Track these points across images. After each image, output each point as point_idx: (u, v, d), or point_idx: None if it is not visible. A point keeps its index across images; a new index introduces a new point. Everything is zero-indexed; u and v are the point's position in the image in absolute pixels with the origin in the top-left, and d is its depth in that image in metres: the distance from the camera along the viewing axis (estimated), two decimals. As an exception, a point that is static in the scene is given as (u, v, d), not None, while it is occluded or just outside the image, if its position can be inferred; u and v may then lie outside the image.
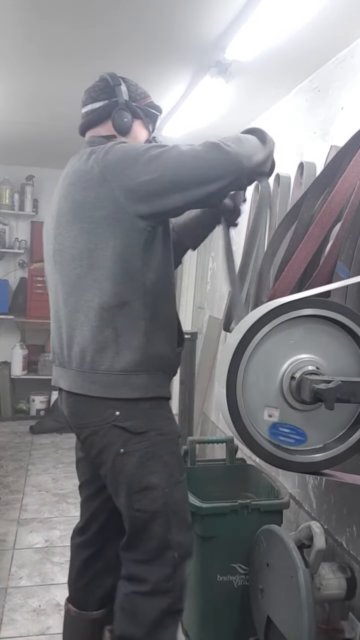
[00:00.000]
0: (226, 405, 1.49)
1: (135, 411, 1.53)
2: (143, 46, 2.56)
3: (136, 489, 1.53)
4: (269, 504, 1.99)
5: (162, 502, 1.53)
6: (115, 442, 1.53)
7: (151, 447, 1.53)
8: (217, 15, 2.20)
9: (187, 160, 1.46)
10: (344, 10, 2.07)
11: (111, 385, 1.52)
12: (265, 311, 1.48)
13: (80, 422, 1.60)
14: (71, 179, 1.58)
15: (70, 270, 1.57)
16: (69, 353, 1.59)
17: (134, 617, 1.53)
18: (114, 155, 1.51)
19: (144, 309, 1.53)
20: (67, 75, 3.01)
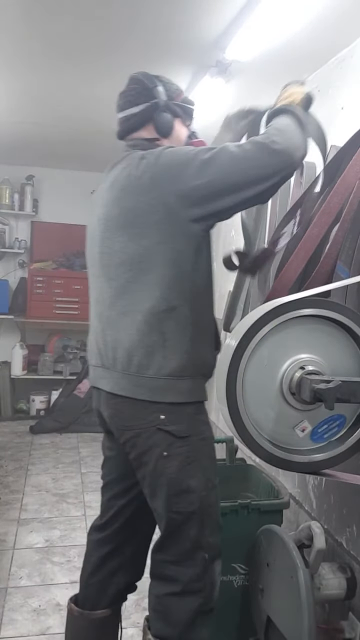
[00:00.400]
0: (226, 405, 1.49)
1: (179, 415, 1.54)
2: (143, 46, 2.56)
3: (175, 492, 1.54)
4: (269, 504, 1.99)
5: (198, 505, 1.55)
6: (159, 445, 1.53)
7: (192, 451, 1.55)
8: (217, 15, 2.20)
9: (239, 163, 1.46)
10: (343, 11, 2.07)
11: (158, 389, 1.52)
12: (265, 311, 1.48)
13: (123, 424, 1.59)
14: (122, 184, 1.57)
15: (119, 274, 1.57)
16: (114, 355, 1.58)
17: (168, 618, 1.56)
18: (164, 160, 1.51)
19: (191, 313, 1.54)
20: (67, 75, 3.01)
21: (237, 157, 1.46)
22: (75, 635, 1.82)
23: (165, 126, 1.67)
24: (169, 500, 1.55)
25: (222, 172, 1.46)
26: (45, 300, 5.15)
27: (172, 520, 1.56)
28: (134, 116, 1.68)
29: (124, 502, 1.75)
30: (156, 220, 1.50)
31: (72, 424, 4.93)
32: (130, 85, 1.72)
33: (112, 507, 1.78)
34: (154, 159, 1.52)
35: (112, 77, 2.98)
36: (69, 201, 5.53)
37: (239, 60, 2.54)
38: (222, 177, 1.46)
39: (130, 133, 1.71)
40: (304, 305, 1.49)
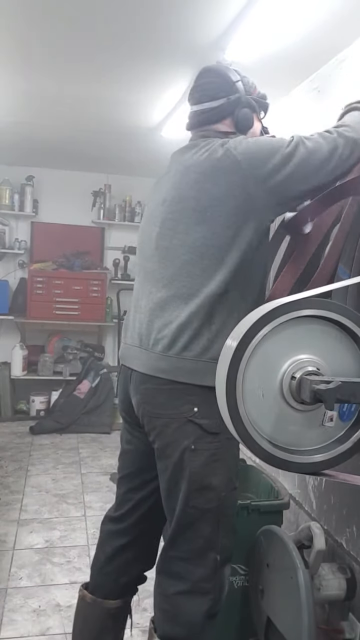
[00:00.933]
0: (226, 405, 1.49)
1: (212, 411, 1.51)
2: (143, 46, 2.56)
3: (196, 487, 1.53)
4: (269, 505, 1.99)
5: (216, 503, 1.54)
6: (188, 437, 1.52)
7: (220, 449, 1.54)
8: (216, 16, 2.20)
9: (312, 156, 1.52)
10: (343, 11, 2.07)
11: (198, 372, 1.51)
12: (265, 311, 1.48)
13: (153, 411, 1.57)
14: (200, 167, 1.56)
15: (177, 256, 1.56)
16: (157, 337, 1.56)
17: (176, 618, 1.55)
18: (248, 147, 1.53)
19: (241, 301, 1.55)
20: (67, 76, 3.01)
21: (310, 151, 1.51)
22: (87, 622, 1.81)
23: (247, 123, 1.67)
24: (188, 494, 1.53)
25: (299, 165, 1.50)
26: (45, 301, 5.15)
27: (187, 515, 1.54)
28: (213, 110, 1.67)
29: (141, 495, 1.74)
30: (233, 205, 1.51)
31: (72, 425, 4.93)
32: (208, 79, 1.70)
33: (129, 500, 1.76)
34: (237, 144, 1.54)
35: (112, 78, 2.99)
36: (69, 201, 5.53)
37: (239, 60, 2.54)
38: (298, 170, 1.50)
39: (205, 125, 1.69)
40: (304, 305, 1.49)
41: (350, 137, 1.54)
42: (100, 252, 5.69)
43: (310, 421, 1.55)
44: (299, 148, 1.51)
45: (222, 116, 1.67)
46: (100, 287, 5.30)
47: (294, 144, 1.52)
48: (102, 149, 4.60)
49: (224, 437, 1.54)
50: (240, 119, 1.66)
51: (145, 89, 3.10)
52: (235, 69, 1.71)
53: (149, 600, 2.36)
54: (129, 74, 2.91)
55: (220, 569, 1.56)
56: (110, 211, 5.52)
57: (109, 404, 5.05)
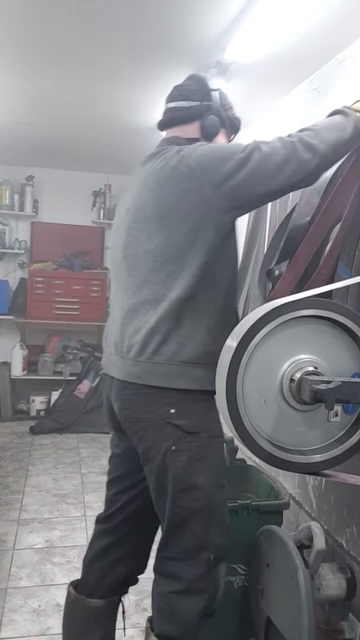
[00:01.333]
0: (226, 405, 1.49)
1: (189, 411, 1.56)
2: (143, 46, 2.56)
3: (182, 487, 1.55)
4: (269, 505, 1.99)
5: (204, 502, 1.55)
6: (168, 439, 1.54)
7: (201, 448, 1.56)
8: (217, 16, 2.20)
9: (268, 160, 1.53)
10: (343, 11, 2.07)
11: (169, 375, 1.54)
12: (265, 311, 1.48)
13: (132, 416, 1.60)
14: (157, 176, 1.60)
15: (143, 264, 1.60)
16: (129, 343, 1.60)
17: (172, 617, 1.56)
18: (203, 152, 1.56)
19: (209, 303, 1.57)
20: (67, 76, 3.01)
21: (266, 155, 1.52)
22: (68, 619, 1.84)
23: (211, 129, 1.70)
24: (174, 495, 1.55)
25: (254, 169, 1.52)
26: (45, 301, 5.15)
27: (177, 516, 1.56)
28: (184, 109, 1.72)
29: (129, 497, 1.77)
30: (188, 210, 1.54)
31: (72, 425, 4.93)
32: (188, 81, 1.76)
33: (117, 501, 1.80)
34: (192, 151, 1.56)
35: (112, 78, 2.99)
36: (69, 201, 5.53)
37: (239, 60, 2.54)
38: (253, 174, 1.52)
39: (175, 125, 1.73)
40: (304, 305, 1.49)
41: (309, 142, 1.54)
42: (100, 252, 5.69)
43: (311, 421, 1.55)
44: (254, 153, 1.52)
45: (191, 118, 1.71)
46: (100, 287, 5.30)
47: (250, 149, 1.53)
48: (102, 148, 4.60)
49: (204, 435, 1.57)
50: (206, 124, 1.69)
51: (145, 88, 3.10)
52: (219, 85, 1.76)
53: (149, 600, 2.37)
54: (129, 73, 2.91)
55: (214, 568, 1.57)
56: (110, 211, 5.52)
57: (109, 404, 5.05)
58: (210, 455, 1.58)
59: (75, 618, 1.82)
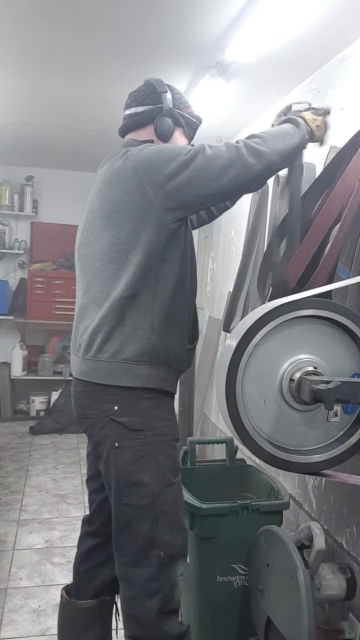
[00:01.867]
0: (226, 406, 1.49)
1: (133, 408, 1.57)
2: (143, 46, 2.56)
3: (126, 484, 1.56)
4: (269, 505, 1.99)
5: (150, 500, 1.55)
6: (111, 435, 1.57)
7: (145, 445, 1.56)
8: (216, 16, 2.20)
9: (211, 163, 1.54)
10: (343, 11, 2.07)
11: (112, 372, 1.56)
12: (264, 312, 1.48)
13: (83, 413, 1.65)
14: (104, 177, 1.64)
15: (91, 264, 1.65)
16: (79, 341, 1.65)
17: (137, 619, 1.57)
18: (148, 153, 1.58)
19: (153, 302, 1.58)
20: (67, 76, 3.01)
21: (209, 158, 1.54)
22: (62, 622, 1.86)
23: (165, 131, 1.71)
24: (119, 492, 1.57)
25: (196, 172, 1.53)
26: (45, 301, 5.15)
27: (122, 513, 1.57)
28: (137, 115, 1.75)
29: (103, 496, 1.77)
30: (131, 209, 1.56)
31: (72, 425, 4.93)
32: (141, 87, 1.79)
33: (94, 501, 1.83)
34: (137, 152, 1.59)
35: (112, 78, 2.99)
36: (69, 202, 5.52)
37: (238, 61, 2.54)
38: (195, 175, 1.53)
39: (131, 131, 1.77)
40: (303, 305, 1.49)
41: (255, 147, 1.56)
42: (100, 252, 5.69)
43: (310, 421, 1.55)
44: (198, 156, 1.53)
45: (144, 122, 1.73)
46: (100, 287, 5.30)
47: (194, 151, 1.54)
48: (102, 149, 4.57)
49: (150, 433, 1.57)
50: (158, 126, 1.71)
51: (145, 89, 3.10)
52: (170, 85, 1.78)
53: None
54: (129, 74, 2.91)
55: (167, 566, 1.56)
56: (110, 211, 5.52)
57: (109, 404, 5.05)
58: (156, 453, 1.57)
59: (69, 621, 1.83)
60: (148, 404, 1.58)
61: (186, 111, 1.77)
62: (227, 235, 3.92)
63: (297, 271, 1.74)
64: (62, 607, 1.85)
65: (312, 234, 1.74)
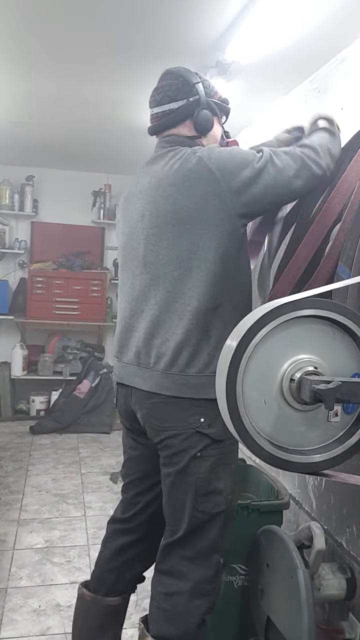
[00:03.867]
0: (226, 406, 1.49)
1: (216, 419, 1.56)
2: (143, 46, 2.56)
3: (203, 492, 1.58)
4: (269, 505, 1.99)
5: (224, 507, 1.59)
6: (195, 446, 1.57)
7: (224, 454, 1.60)
8: (217, 16, 2.20)
9: (281, 173, 1.57)
10: (343, 11, 2.07)
11: (201, 386, 1.55)
12: (264, 312, 1.48)
13: (161, 425, 1.60)
14: (173, 179, 1.57)
15: (166, 272, 1.58)
16: (157, 354, 1.59)
17: (173, 617, 1.57)
18: (222, 157, 1.55)
19: (234, 310, 1.58)
20: (67, 76, 3.01)
21: (279, 169, 1.57)
22: (87, 620, 1.84)
23: (206, 124, 1.67)
24: (196, 499, 1.57)
25: (270, 181, 1.56)
26: (45, 301, 5.15)
27: (197, 519, 1.58)
28: (173, 112, 1.66)
29: (149, 498, 1.79)
30: (210, 215, 1.53)
31: (72, 425, 4.93)
32: (168, 80, 1.68)
33: (138, 503, 1.81)
34: (209, 153, 1.56)
35: (112, 78, 2.99)
36: (69, 201, 5.53)
37: (239, 61, 2.54)
38: (270, 185, 1.56)
39: (168, 128, 1.69)
40: (303, 305, 1.49)
41: (315, 158, 1.61)
42: (100, 252, 5.69)
43: (311, 421, 1.55)
44: (268, 165, 1.55)
45: (182, 118, 1.66)
46: (100, 287, 5.30)
47: (264, 159, 1.55)
48: (102, 148, 4.60)
49: (228, 442, 1.59)
50: (199, 120, 1.66)
51: (145, 88, 3.08)
52: (196, 72, 1.71)
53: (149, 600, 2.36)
54: (129, 73, 2.91)
55: (220, 573, 1.61)
56: (110, 211, 5.52)
57: (109, 404, 5.05)
58: (231, 461, 1.62)
59: (92, 618, 1.83)
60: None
61: (216, 97, 1.71)
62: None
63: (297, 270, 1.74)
64: (83, 605, 1.84)
65: (313, 233, 1.74)
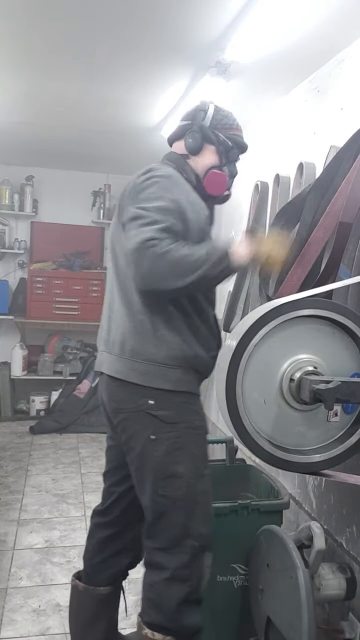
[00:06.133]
0: (226, 406, 1.49)
1: (168, 402, 1.63)
2: (143, 46, 2.56)
3: (162, 476, 1.62)
4: (269, 505, 1.99)
5: (185, 490, 1.61)
6: (147, 428, 1.62)
7: (180, 437, 1.62)
8: (216, 16, 2.20)
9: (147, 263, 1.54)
10: (343, 11, 2.07)
11: (148, 374, 1.62)
12: (264, 311, 1.48)
13: (116, 407, 1.68)
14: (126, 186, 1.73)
15: (122, 266, 1.68)
16: (113, 340, 1.69)
17: (158, 605, 1.62)
18: (137, 184, 1.64)
19: (182, 310, 1.64)
20: (67, 76, 3.01)
21: (154, 256, 1.50)
22: (80, 609, 1.92)
23: (189, 145, 1.78)
24: (155, 484, 1.62)
25: (132, 245, 1.54)
26: (45, 301, 5.15)
27: (158, 505, 1.62)
28: (177, 128, 1.84)
29: (123, 489, 1.84)
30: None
31: (72, 425, 4.93)
32: (195, 104, 1.85)
33: (113, 493, 1.88)
34: (139, 176, 1.65)
35: (112, 78, 2.99)
36: (69, 201, 5.53)
37: (238, 60, 2.54)
38: (129, 246, 1.56)
39: (173, 142, 1.86)
40: (303, 305, 1.49)
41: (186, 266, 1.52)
42: (100, 252, 5.68)
43: (310, 421, 1.55)
44: (147, 247, 1.50)
45: (179, 136, 1.82)
46: (100, 287, 5.29)
47: (150, 235, 1.51)
48: (102, 149, 4.60)
49: (183, 425, 1.63)
50: (187, 141, 1.78)
51: (144, 89, 3.10)
52: (218, 106, 1.81)
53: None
54: (129, 74, 2.91)
55: (198, 556, 1.62)
56: (110, 211, 5.51)
57: (109, 404, 5.04)
58: (190, 445, 1.64)
59: (86, 607, 1.89)
60: (181, 399, 1.64)
61: (225, 132, 1.78)
62: (228, 235, 3.92)
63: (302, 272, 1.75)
64: (77, 595, 1.91)
65: (317, 236, 1.75)
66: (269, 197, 2.64)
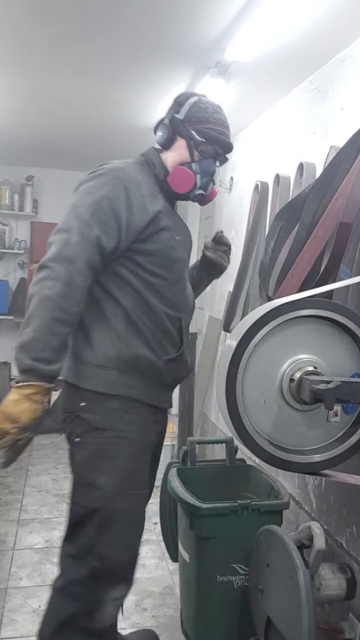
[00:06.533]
0: (226, 406, 1.49)
1: (99, 407, 1.55)
2: (143, 46, 2.56)
3: (80, 482, 1.56)
4: (269, 505, 1.99)
5: (101, 504, 1.51)
6: (74, 430, 1.57)
7: (105, 445, 1.53)
8: (216, 16, 2.20)
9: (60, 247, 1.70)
10: (343, 11, 2.07)
11: (80, 374, 1.57)
12: (264, 311, 1.48)
13: (62, 408, 1.65)
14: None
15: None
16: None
17: (46, 615, 1.57)
18: (90, 178, 1.68)
19: (116, 308, 1.57)
20: (67, 76, 3.01)
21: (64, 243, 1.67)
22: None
23: (160, 139, 1.71)
24: (74, 489, 1.57)
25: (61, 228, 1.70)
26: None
27: (73, 513, 1.57)
28: (157, 123, 1.75)
29: None
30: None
31: (72, 425, 4.93)
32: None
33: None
34: (91, 175, 1.69)
35: (112, 78, 2.99)
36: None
37: (238, 61, 2.54)
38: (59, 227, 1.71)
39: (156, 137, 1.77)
40: (303, 305, 1.49)
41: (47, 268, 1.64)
42: (100, 252, 5.69)
43: (310, 421, 1.55)
44: (67, 230, 1.64)
45: (156, 130, 1.74)
46: (100, 287, 5.29)
47: (65, 238, 1.63)
48: (102, 149, 4.60)
49: (111, 434, 1.53)
50: (158, 134, 1.71)
51: (145, 89, 3.10)
52: (201, 96, 1.71)
53: (149, 600, 2.37)
54: (129, 74, 2.91)
55: (100, 579, 1.51)
56: (110, 211, 5.51)
57: (109, 404, 5.04)
58: (116, 455, 1.53)
59: None
60: (116, 404, 1.56)
61: (199, 126, 1.64)
62: (227, 235, 3.91)
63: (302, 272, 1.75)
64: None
65: (317, 236, 1.75)
66: (269, 197, 2.64)
